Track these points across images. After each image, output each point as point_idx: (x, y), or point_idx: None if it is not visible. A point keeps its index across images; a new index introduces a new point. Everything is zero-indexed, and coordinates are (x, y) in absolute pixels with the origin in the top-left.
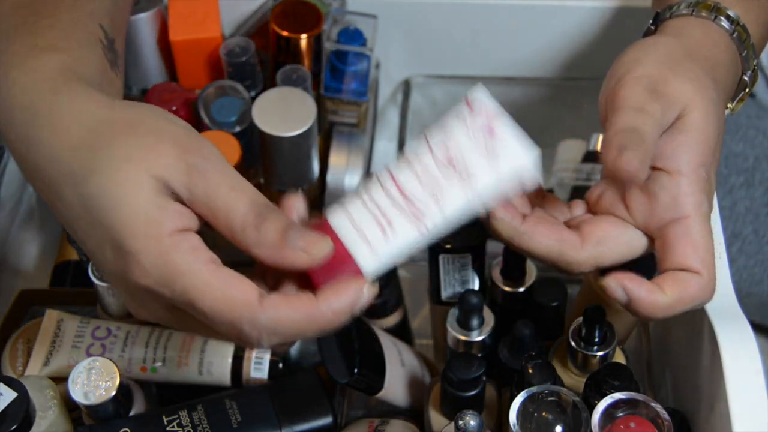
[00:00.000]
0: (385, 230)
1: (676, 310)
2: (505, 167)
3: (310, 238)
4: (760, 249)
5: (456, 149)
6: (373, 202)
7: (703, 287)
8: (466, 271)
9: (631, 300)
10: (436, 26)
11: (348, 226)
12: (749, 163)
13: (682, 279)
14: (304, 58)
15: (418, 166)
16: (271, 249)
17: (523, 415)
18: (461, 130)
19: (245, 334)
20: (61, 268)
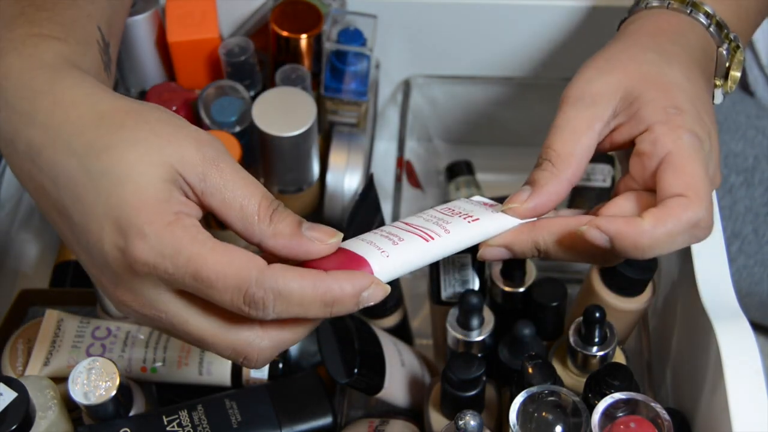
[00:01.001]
0: (395, 242)
1: (664, 235)
2: (507, 218)
3: (324, 229)
4: (760, 249)
5: (458, 207)
6: (383, 231)
7: (688, 207)
8: (466, 271)
9: (613, 237)
10: (436, 26)
11: (359, 242)
12: (749, 163)
13: (663, 204)
14: (304, 58)
15: (422, 214)
16: (286, 239)
17: (523, 415)
18: (462, 201)
19: (251, 295)
20: (61, 268)
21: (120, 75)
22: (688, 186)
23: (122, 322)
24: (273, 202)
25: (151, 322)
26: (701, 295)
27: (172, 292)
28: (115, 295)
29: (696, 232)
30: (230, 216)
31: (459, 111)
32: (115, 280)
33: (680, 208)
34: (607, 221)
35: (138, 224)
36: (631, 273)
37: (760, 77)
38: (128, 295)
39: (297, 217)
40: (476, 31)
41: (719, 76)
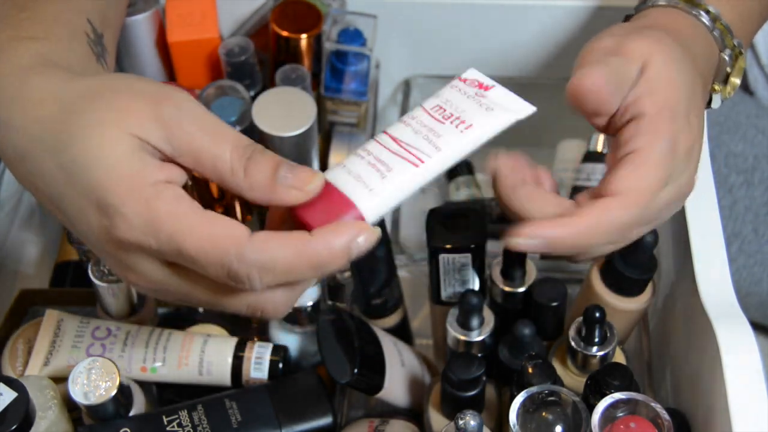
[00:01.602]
0: (383, 173)
1: (600, 234)
2: (501, 115)
3: (302, 174)
4: (760, 248)
5: (450, 106)
6: (369, 154)
7: (624, 208)
8: (466, 271)
9: (549, 244)
10: (436, 26)
11: (345, 176)
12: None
13: (599, 204)
14: (304, 58)
15: (412, 122)
16: (262, 190)
17: (523, 415)
18: (454, 92)
19: (234, 271)
20: (61, 268)
21: None
22: (633, 187)
23: (122, 322)
24: (247, 149)
25: (164, 295)
26: (701, 295)
27: (167, 266)
28: (123, 275)
29: (628, 234)
30: (206, 172)
31: None
32: (115, 261)
33: (618, 208)
34: (539, 228)
35: (115, 204)
36: (631, 273)
37: (760, 77)
38: (132, 275)
39: (274, 161)
40: (476, 31)
41: (719, 81)
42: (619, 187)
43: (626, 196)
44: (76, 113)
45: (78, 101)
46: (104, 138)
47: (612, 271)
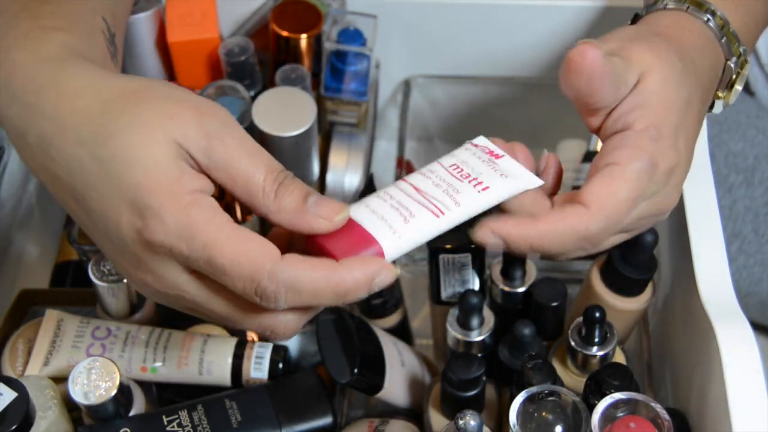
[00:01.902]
0: (406, 218)
1: (554, 240)
2: (514, 183)
3: (331, 205)
4: (760, 248)
5: (467, 167)
6: (392, 198)
7: (581, 218)
8: (466, 271)
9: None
10: (436, 26)
11: (368, 214)
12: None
13: (560, 210)
14: (303, 58)
15: (432, 175)
16: (291, 214)
17: (523, 415)
18: (468, 154)
19: (263, 288)
20: (61, 268)
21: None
22: (598, 199)
23: (122, 322)
24: (279, 174)
25: (175, 302)
26: (701, 295)
27: (190, 273)
28: (136, 276)
29: (583, 244)
30: (236, 190)
31: (459, 111)
32: (135, 262)
33: (575, 218)
34: (501, 224)
35: (153, 206)
36: (631, 273)
37: (760, 77)
38: (149, 276)
39: (304, 190)
40: (476, 31)
41: (722, 88)
42: (588, 197)
43: (591, 208)
44: (119, 110)
45: (120, 99)
46: (148, 139)
47: (612, 271)
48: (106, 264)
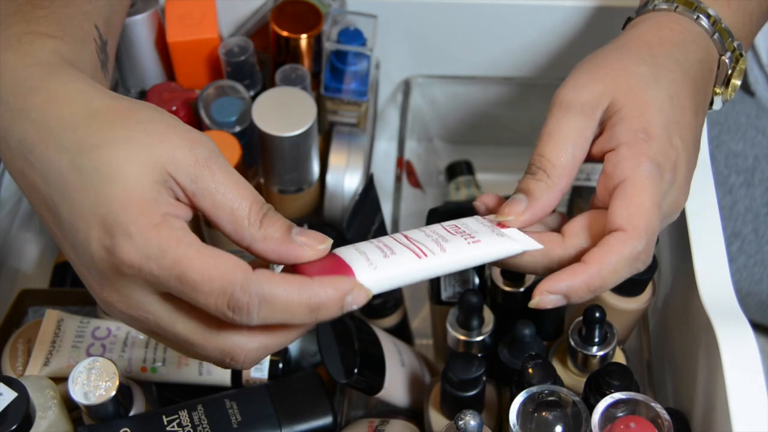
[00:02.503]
0: (386, 254)
1: (610, 273)
2: (509, 243)
3: (313, 235)
4: (760, 248)
5: (466, 227)
6: (380, 242)
7: (626, 242)
8: (466, 271)
9: (567, 295)
10: (436, 26)
11: (351, 251)
12: (749, 163)
13: (603, 242)
14: (303, 58)
15: (427, 229)
16: (275, 243)
17: (523, 415)
18: (472, 220)
19: (236, 299)
20: (61, 268)
21: (120, 75)
22: (630, 218)
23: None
24: (264, 206)
25: (138, 324)
26: (701, 295)
27: (158, 294)
28: (101, 295)
29: (636, 264)
30: (221, 219)
31: (459, 111)
32: (101, 280)
33: (619, 244)
34: (554, 282)
35: (124, 223)
36: None
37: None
38: (114, 296)
39: (287, 222)
40: (476, 31)
41: (719, 84)
42: (620, 221)
43: (628, 229)
44: (108, 123)
45: (110, 113)
46: (134, 157)
47: None
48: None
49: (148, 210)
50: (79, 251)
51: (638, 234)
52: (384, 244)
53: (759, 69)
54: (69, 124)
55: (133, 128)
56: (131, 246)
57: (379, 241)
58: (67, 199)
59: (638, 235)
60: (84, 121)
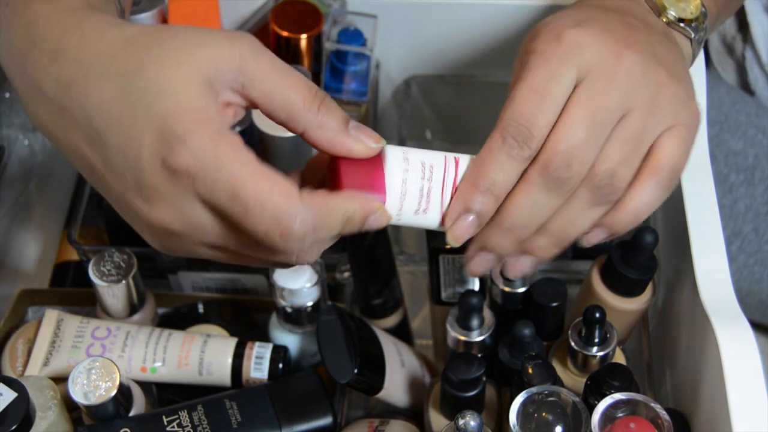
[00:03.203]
0: (421, 206)
1: (485, 162)
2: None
3: (369, 132)
4: (760, 248)
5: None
6: (430, 180)
7: (492, 135)
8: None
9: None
10: (436, 26)
11: (398, 165)
12: (749, 162)
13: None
14: (304, 58)
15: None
16: (332, 132)
17: (523, 415)
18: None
19: (288, 230)
20: (61, 268)
21: None
22: (503, 113)
23: (122, 322)
24: (319, 92)
25: (193, 242)
26: (701, 295)
27: (210, 211)
28: (154, 216)
29: (508, 148)
30: (273, 105)
31: (459, 111)
32: (153, 198)
33: (489, 139)
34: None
35: (180, 133)
36: (631, 273)
37: (761, 76)
38: (168, 212)
39: (343, 114)
40: (477, 31)
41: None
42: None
43: (498, 123)
44: (145, 46)
45: (144, 36)
46: (178, 70)
47: (612, 272)
48: (106, 264)
49: (204, 120)
50: (129, 172)
51: (501, 123)
52: (428, 190)
53: (759, 68)
54: (108, 55)
55: (169, 44)
56: (187, 154)
57: (429, 180)
58: (115, 124)
59: (501, 124)
60: (121, 50)
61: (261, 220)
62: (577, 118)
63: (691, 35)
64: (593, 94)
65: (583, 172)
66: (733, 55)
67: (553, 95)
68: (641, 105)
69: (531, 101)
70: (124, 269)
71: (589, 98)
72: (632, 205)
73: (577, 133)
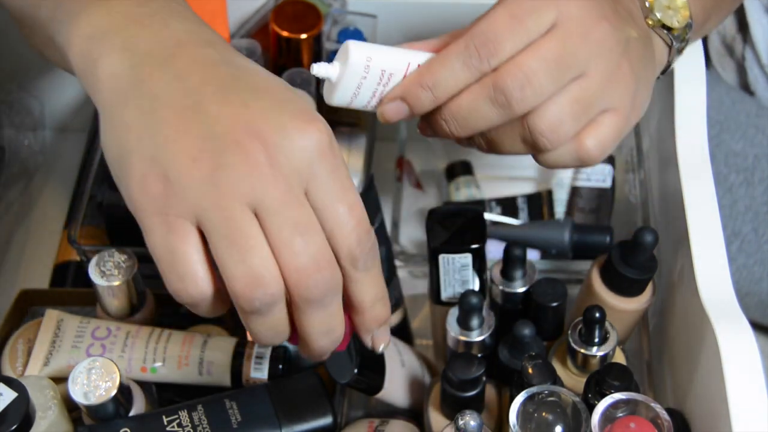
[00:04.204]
0: (370, 102)
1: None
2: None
3: None
4: (760, 248)
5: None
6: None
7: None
8: (466, 271)
9: (402, 97)
10: (436, 26)
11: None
12: (749, 162)
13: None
14: (304, 57)
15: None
16: None
17: (523, 415)
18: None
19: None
20: (61, 268)
21: None
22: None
23: (122, 322)
24: None
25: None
26: (701, 295)
27: None
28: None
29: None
30: None
31: None
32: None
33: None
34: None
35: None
36: (631, 273)
37: (761, 76)
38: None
39: None
40: None
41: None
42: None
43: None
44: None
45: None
46: None
47: (612, 271)
48: (106, 264)
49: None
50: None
51: (470, 32)
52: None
53: (759, 69)
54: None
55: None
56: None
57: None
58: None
59: (470, 33)
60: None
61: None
62: (547, 50)
63: (671, 44)
64: (567, 38)
65: (531, 103)
66: (733, 56)
67: (529, 26)
68: (599, 73)
69: (507, 23)
70: (124, 269)
71: (562, 40)
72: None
73: (543, 63)
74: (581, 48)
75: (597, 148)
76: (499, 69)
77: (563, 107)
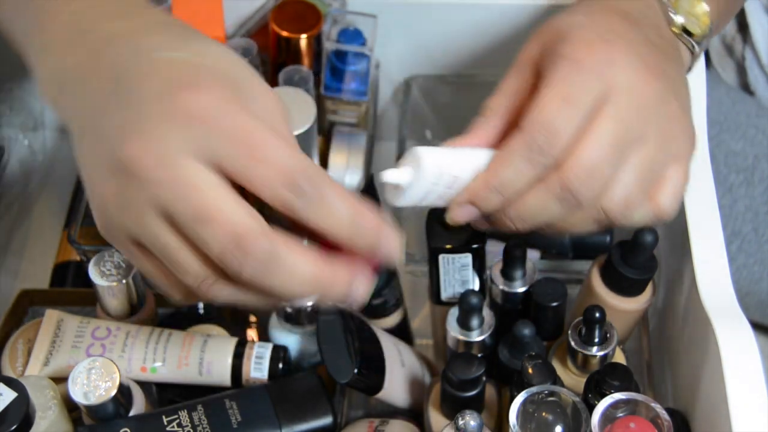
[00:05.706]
0: (437, 202)
1: (502, 167)
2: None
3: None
4: (760, 248)
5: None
6: (452, 183)
7: (517, 137)
8: (466, 271)
9: (470, 201)
10: (436, 26)
11: (425, 186)
12: (749, 162)
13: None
14: (303, 57)
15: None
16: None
17: (523, 415)
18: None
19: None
20: (61, 268)
21: None
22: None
23: (122, 322)
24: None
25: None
26: (701, 295)
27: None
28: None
29: (534, 155)
30: None
31: (459, 111)
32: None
33: (512, 140)
34: (459, 195)
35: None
36: (631, 273)
37: (761, 77)
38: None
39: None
40: (476, 31)
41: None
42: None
43: (524, 124)
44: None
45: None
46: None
47: (612, 271)
48: (106, 264)
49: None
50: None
51: (531, 126)
52: (447, 194)
53: (759, 69)
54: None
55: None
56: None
57: (451, 180)
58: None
59: (531, 127)
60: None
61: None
62: (605, 135)
63: (695, 49)
64: (620, 112)
65: (598, 192)
66: (733, 56)
67: (582, 105)
68: (655, 135)
69: (560, 109)
70: (124, 269)
71: (616, 115)
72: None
73: (603, 151)
74: (636, 120)
75: (672, 204)
76: (563, 167)
77: (630, 185)
